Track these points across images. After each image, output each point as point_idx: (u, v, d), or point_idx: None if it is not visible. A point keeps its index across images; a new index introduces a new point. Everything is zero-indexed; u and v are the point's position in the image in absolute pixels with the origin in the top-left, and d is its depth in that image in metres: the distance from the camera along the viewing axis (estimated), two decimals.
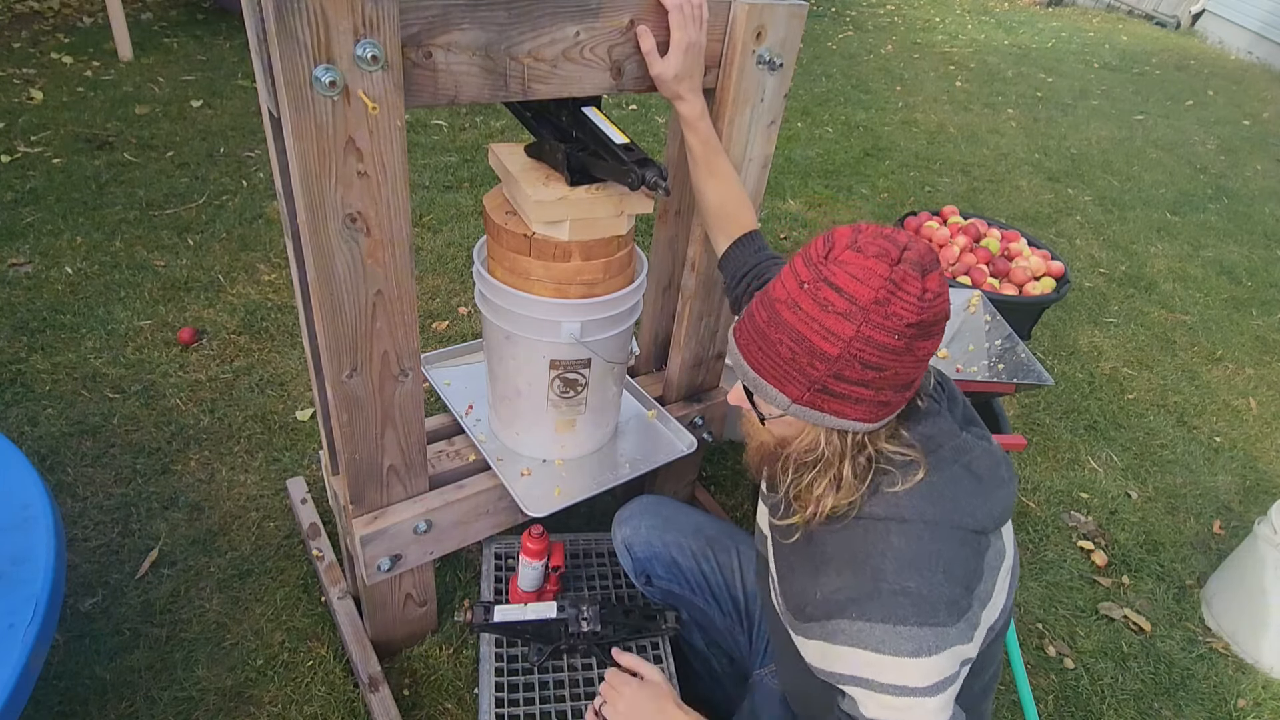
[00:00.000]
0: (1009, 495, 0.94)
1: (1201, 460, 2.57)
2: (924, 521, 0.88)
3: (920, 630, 0.85)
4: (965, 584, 0.88)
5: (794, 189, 3.92)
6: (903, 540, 0.88)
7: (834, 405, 0.86)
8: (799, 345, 0.83)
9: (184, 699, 1.50)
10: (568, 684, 1.43)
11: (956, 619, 0.87)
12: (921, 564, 0.86)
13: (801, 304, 0.83)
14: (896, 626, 0.85)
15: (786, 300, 0.84)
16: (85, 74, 3.85)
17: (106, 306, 2.40)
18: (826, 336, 0.81)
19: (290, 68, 0.87)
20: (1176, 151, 5.41)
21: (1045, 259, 2.63)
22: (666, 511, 1.49)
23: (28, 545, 1.09)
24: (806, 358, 0.83)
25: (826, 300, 0.81)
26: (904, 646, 0.85)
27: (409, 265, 1.10)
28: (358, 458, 1.25)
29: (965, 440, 0.95)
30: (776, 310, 0.85)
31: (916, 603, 0.85)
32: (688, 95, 1.19)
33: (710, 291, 1.56)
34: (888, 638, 0.86)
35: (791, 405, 0.87)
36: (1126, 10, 10.11)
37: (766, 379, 0.88)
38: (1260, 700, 1.84)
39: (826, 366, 0.83)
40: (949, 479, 0.91)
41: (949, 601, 0.86)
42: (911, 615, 0.85)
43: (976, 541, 0.90)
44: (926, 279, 0.80)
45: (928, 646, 0.85)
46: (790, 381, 0.86)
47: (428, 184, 3.34)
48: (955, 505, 0.89)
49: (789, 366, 0.85)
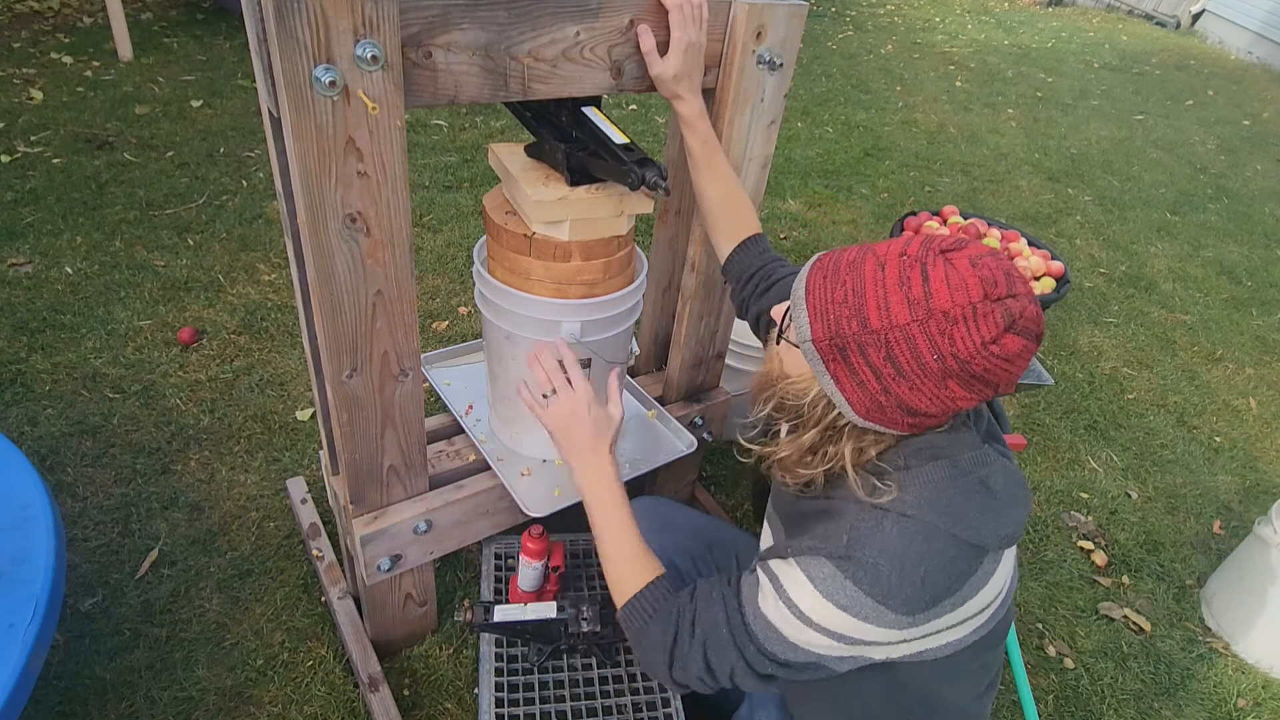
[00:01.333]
0: (1022, 516, 0.90)
1: (1201, 460, 2.57)
2: (923, 522, 0.86)
3: (862, 598, 0.84)
4: (935, 595, 0.85)
5: (794, 189, 3.92)
6: (896, 532, 0.86)
7: (839, 370, 0.84)
8: (854, 297, 0.81)
9: (184, 699, 1.50)
10: (568, 684, 1.43)
11: (904, 616, 0.85)
12: (905, 560, 0.84)
13: (888, 268, 0.80)
14: (846, 581, 0.85)
15: (879, 258, 0.82)
16: (85, 74, 3.85)
17: (106, 306, 2.40)
18: (882, 308, 0.79)
19: (290, 68, 0.87)
20: (1176, 151, 5.41)
21: (1045, 259, 2.62)
22: (665, 513, 1.49)
23: (28, 545, 1.09)
24: (851, 313, 0.81)
25: (909, 280, 0.78)
26: (837, 596, 0.85)
27: (409, 265, 1.10)
28: (358, 458, 1.25)
29: (986, 453, 0.91)
30: (864, 259, 0.83)
31: (876, 581, 0.84)
32: (687, 95, 1.19)
33: (710, 291, 1.56)
34: (830, 581, 0.86)
35: (807, 343, 0.85)
36: (1126, 10, 10.11)
37: (809, 303, 0.85)
38: (1260, 700, 1.84)
39: (859, 331, 0.80)
40: (960, 489, 0.88)
41: (908, 599, 0.84)
42: (866, 585, 0.84)
43: (971, 559, 0.87)
44: (1007, 335, 0.77)
45: (857, 610, 0.85)
46: (822, 321, 0.83)
47: (428, 184, 3.34)
48: (961, 517, 0.86)
49: (832, 308, 0.83)
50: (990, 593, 0.92)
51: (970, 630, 0.93)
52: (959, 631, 0.93)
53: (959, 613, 0.90)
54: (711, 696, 1.51)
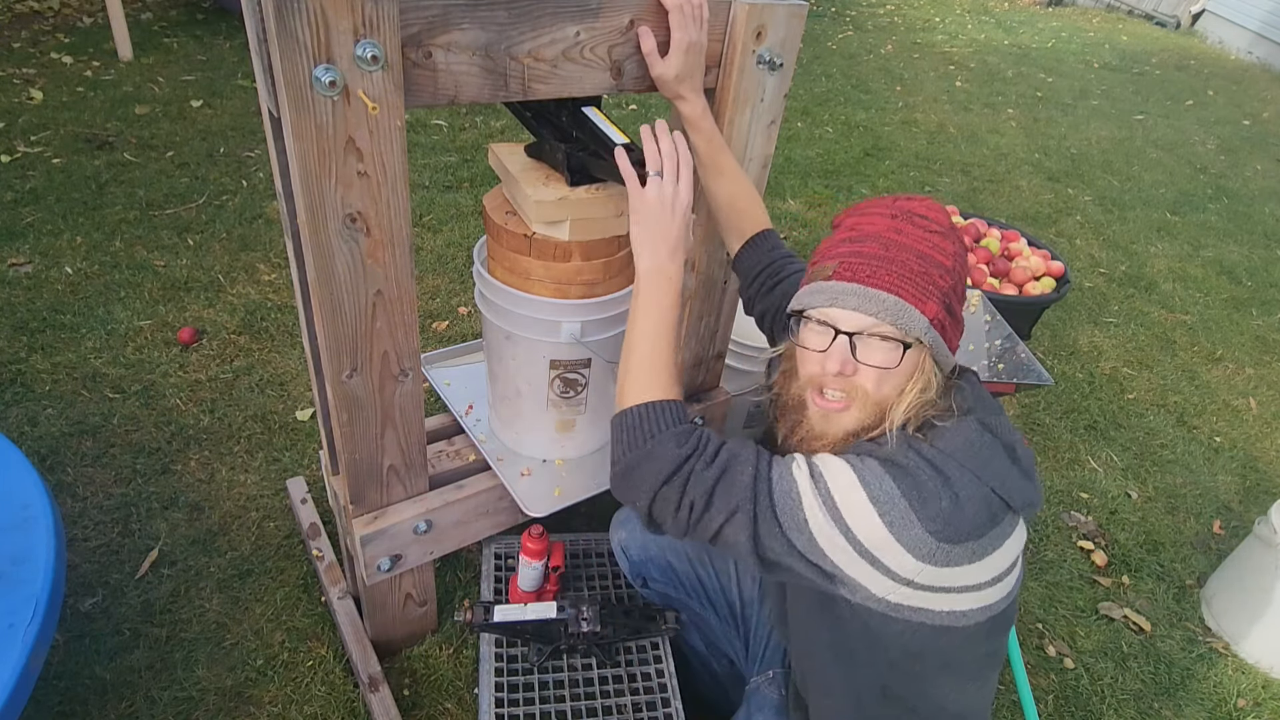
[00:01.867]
0: (1037, 493, 0.92)
1: (1201, 460, 2.57)
2: (959, 463, 0.86)
3: (897, 497, 0.83)
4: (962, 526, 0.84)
5: (794, 189, 3.92)
6: (936, 455, 0.86)
7: (952, 330, 0.88)
8: (923, 261, 0.85)
9: (184, 699, 1.50)
10: (568, 684, 1.43)
11: (929, 534, 0.83)
12: (946, 477, 0.84)
13: (904, 229, 0.85)
14: (885, 476, 0.84)
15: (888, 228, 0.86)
16: (85, 74, 3.85)
17: (106, 306, 2.40)
18: (940, 250, 0.85)
19: (290, 68, 0.87)
20: (1176, 151, 5.41)
21: (1045, 259, 2.63)
22: None
23: (28, 545, 1.09)
24: (935, 271, 0.85)
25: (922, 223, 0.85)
26: (872, 485, 0.84)
27: (409, 265, 1.10)
28: (358, 458, 1.25)
29: (1007, 421, 0.94)
30: (888, 238, 0.86)
31: (917, 486, 0.83)
32: (689, 95, 1.19)
33: (710, 291, 1.56)
34: (871, 474, 0.85)
35: (929, 329, 0.86)
36: (1126, 10, 10.11)
37: (907, 297, 0.85)
38: (1260, 700, 1.83)
39: (948, 279, 0.85)
40: (988, 444, 0.89)
41: (940, 514, 0.83)
42: (905, 484, 0.83)
43: (997, 508, 0.87)
44: None
45: (886, 508, 0.83)
46: (928, 297, 0.85)
47: (428, 184, 3.34)
48: (989, 467, 0.87)
49: (922, 280, 0.85)
50: (1005, 559, 0.91)
51: (975, 605, 0.92)
52: (965, 601, 0.90)
53: (974, 570, 0.88)
54: (711, 697, 1.52)
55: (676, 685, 1.44)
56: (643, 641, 1.50)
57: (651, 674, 1.46)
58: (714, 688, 1.52)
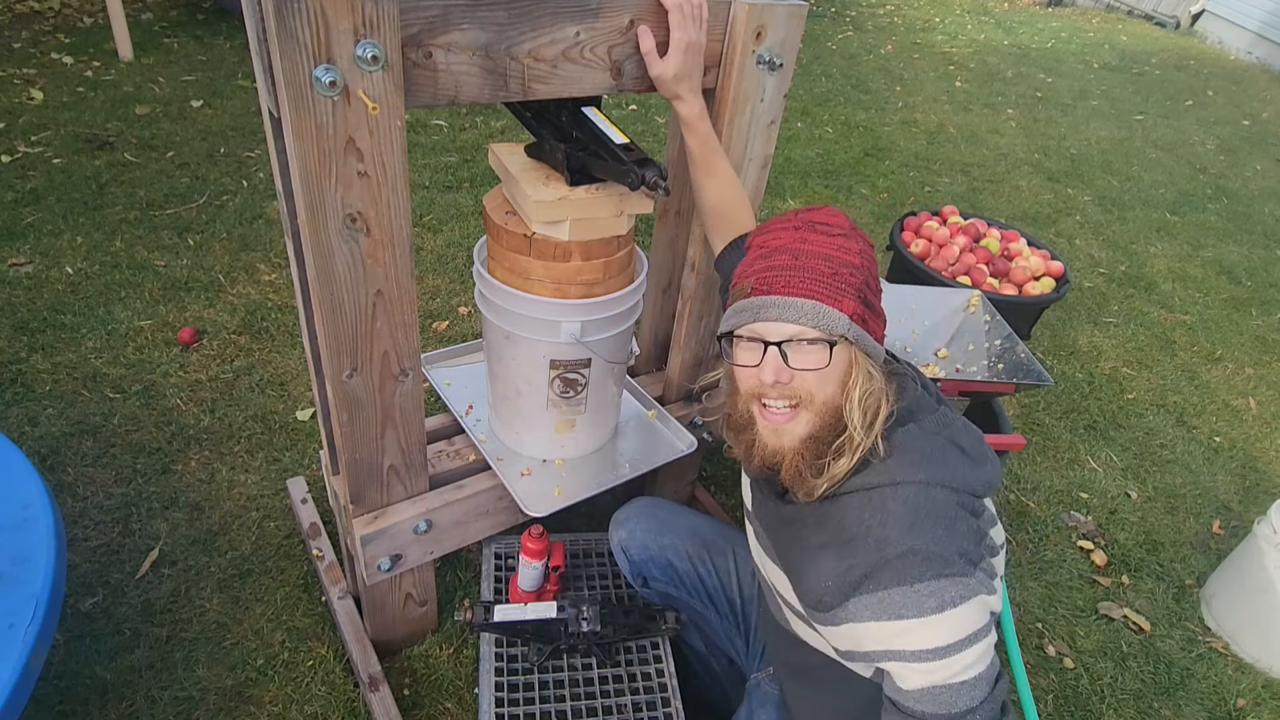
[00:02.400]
0: (995, 470, 0.96)
1: (1201, 460, 2.57)
2: (916, 483, 0.89)
3: (938, 583, 0.84)
4: (971, 538, 0.89)
5: (794, 189, 3.92)
6: (898, 504, 0.88)
7: (873, 323, 0.92)
8: (831, 263, 0.90)
9: (184, 699, 1.50)
10: (568, 684, 1.43)
11: (972, 567, 0.86)
12: (921, 523, 0.87)
13: (809, 238, 0.91)
14: (914, 585, 0.84)
15: (796, 239, 0.92)
16: (85, 74, 3.85)
17: (106, 306, 2.40)
18: (846, 250, 0.89)
19: (290, 68, 0.87)
20: (1176, 151, 5.41)
21: (1045, 259, 2.63)
22: (662, 514, 1.49)
23: (28, 545, 1.09)
24: (845, 270, 0.89)
25: (824, 229, 0.90)
26: (926, 604, 0.84)
27: (409, 265, 1.10)
28: (358, 458, 1.25)
29: (944, 413, 0.98)
30: (796, 248, 0.91)
31: (926, 560, 0.85)
32: (687, 95, 1.19)
33: (710, 291, 1.56)
34: (907, 600, 0.85)
35: (851, 325, 0.89)
36: (1126, 10, 10.11)
37: (823, 299, 0.89)
38: (1260, 700, 1.84)
39: (859, 275, 0.90)
40: (935, 447, 0.93)
41: (960, 552, 0.86)
42: (926, 571, 0.84)
43: (970, 503, 0.92)
44: None
45: (951, 598, 0.84)
46: (844, 295, 0.89)
47: (428, 184, 3.34)
48: (945, 469, 0.91)
49: (834, 280, 0.89)
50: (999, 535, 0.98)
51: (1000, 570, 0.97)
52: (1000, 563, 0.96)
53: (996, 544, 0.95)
54: (711, 696, 1.52)
55: (676, 685, 1.44)
56: (643, 641, 1.50)
57: (651, 674, 1.46)
58: (714, 687, 1.52)
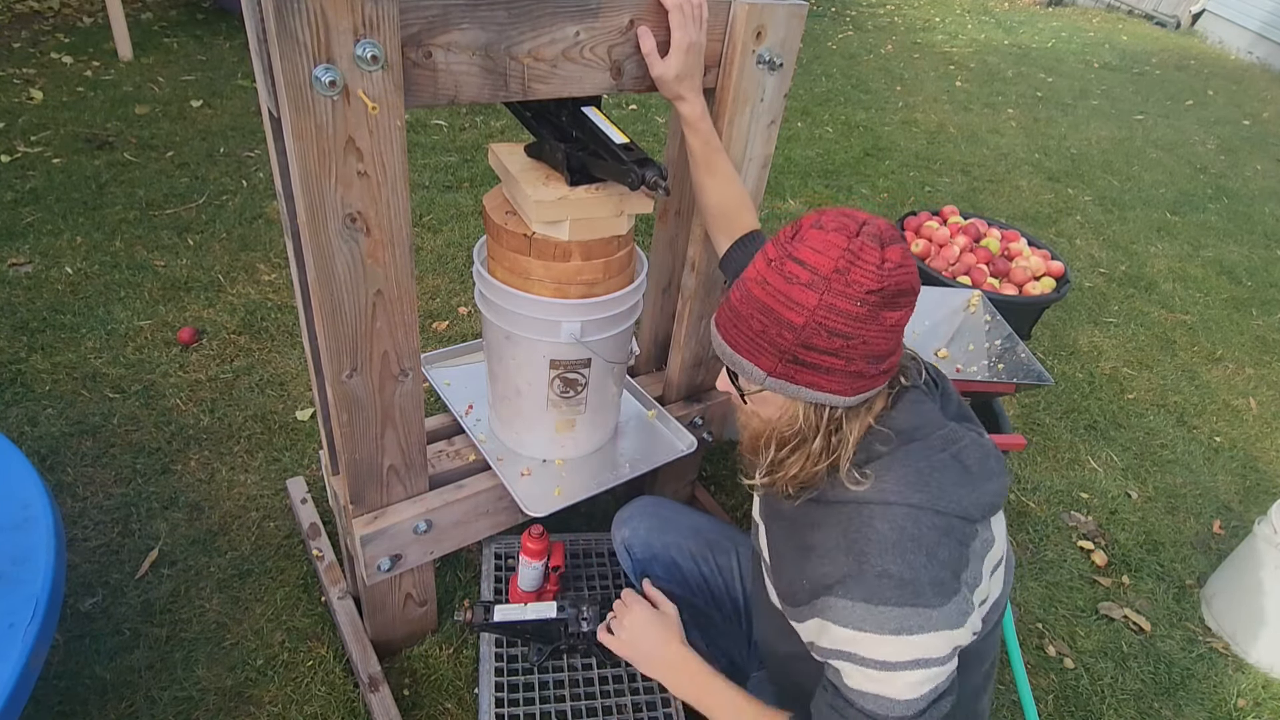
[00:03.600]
0: (999, 488, 0.95)
1: (1201, 460, 2.57)
2: (908, 505, 0.89)
3: (902, 610, 0.86)
4: (951, 568, 0.89)
5: (794, 189, 3.92)
6: (885, 524, 0.89)
7: (807, 376, 0.88)
8: (767, 317, 0.87)
9: (184, 699, 1.50)
10: (568, 684, 1.43)
11: (943, 601, 0.87)
12: (904, 548, 0.87)
13: (769, 279, 0.87)
14: (879, 606, 0.87)
15: (756, 278, 0.89)
16: (85, 74, 3.85)
17: (106, 306, 2.40)
18: (791, 306, 0.85)
19: (290, 68, 0.87)
20: (1176, 151, 5.41)
21: (1045, 259, 2.63)
22: (666, 513, 1.49)
23: (28, 545, 1.09)
24: (775, 328, 0.87)
25: (792, 274, 0.85)
26: (886, 625, 0.87)
27: (409, 265, 1.10)
28: (358, 458, 1.25)
29: (954, 430, 0.96)
30: (748, 289, 0.90)
31: (899, 585, 0.86)
32: (689, 96, 1.19)
33: (710, 291, 1.56)
34: (869, 616, 0.87)
35: (767, 378, 0.90)
36: (1126, 10, 10.11)
37: (740, 353, 0.91)
38: (1260, 700, 1.84)
39: (794, 335, 0.86)
40: (936, 465, 0.92)
41: (933, 583, 0.87)
42: (893, 596, 0.86)
43: (962, 529, 0.91)
44: (886, 250, 0.84)
45: (909, 626, 0.86)
46: (762, 353, 0.89)
47: (428, 184, 3.34)
48: (941, 491, 0.90)
49: (760, 339, 0.89)
50: (995, 555, 0.96)
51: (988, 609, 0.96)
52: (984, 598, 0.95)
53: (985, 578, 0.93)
54: None
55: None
56: None
57: None
58: None
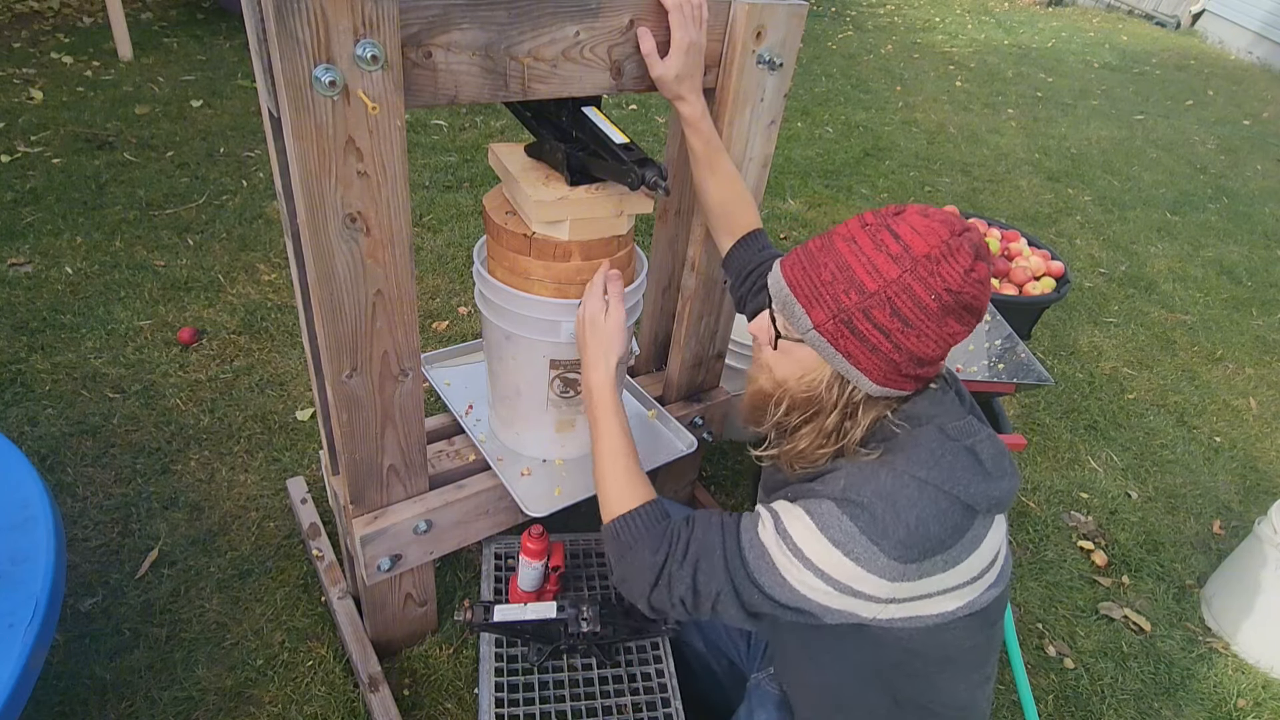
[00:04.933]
0: (1010, 488, 0.93)
1: (1201, 460, 2.57)
2: (915, 477, 0.88)
3: (854, 531, 0.86)
4: (927, 544, 0.86)
5: (794, 189, 3.92)
6: (890, 479, 0.88)
7: (851, 345, 0.87)
8: (842, 272, 0.85)
9: (184, 699, 1.50)
10: (568, 684, 1.43)
11: (896, 559, 0.86)
12: (895, 501, 0.86)
13: (858, 239, 0.86)
14: (842, 516, 0.87)
15: (845, 235, 0.87)
16: (85, 74, 3.85)
17: (106, 306, 2.40)
18: (871, 272, 0.84)
19: (290, 68, 0.87)
20: (1176, 151, 5.41)
21: (1045, 259, 2.63)
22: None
23: (28, 545, 1.09)
24: (845, 285, 0.85)
25: (883, 241, 0.84)
26: (831, 528, 0.87)
27: (409, 265, 1.10)
28: (358, 458, 1.25)
29: (971, 423, 0.95)
30: (833, 240, 0.88)
31: (872, 517, 0.86)
32: (689, 96, 1.19)
33: (710, 291, 1.56)
34: (829, 518, 0.87)
35: (811, 330, 0.89)
36: (1126, 10, 10.11)
37: (798, 296, 0.89)
38: (1260, 700, 1.84)
39: (860, 299, 0.84)
40: (949, 450, 0.90)
41: (902, 542, 0.85)
42: (859, 519, 0.86)
43: (961, 516, 0.88)
44: (978, 262, 0.84)
45: (849, 546, 0.86)
46: (820, 304, 0.87)
47: (428, 184, 3.34)
48: (952, 475, 0.88)
49: (824, 289, 0.87)
50: (982, 559, 0.93)
51: (963, 602, 0.94)
52: (951, 601, 0.93)
53: (952, 575, 0.91)
54: (711, 697, 1.52)
55: (676, 685, 1.44)
56: (643, 641, 1.50)
57: (651, 674, 1.46)
58: (714, 688, 1.52)
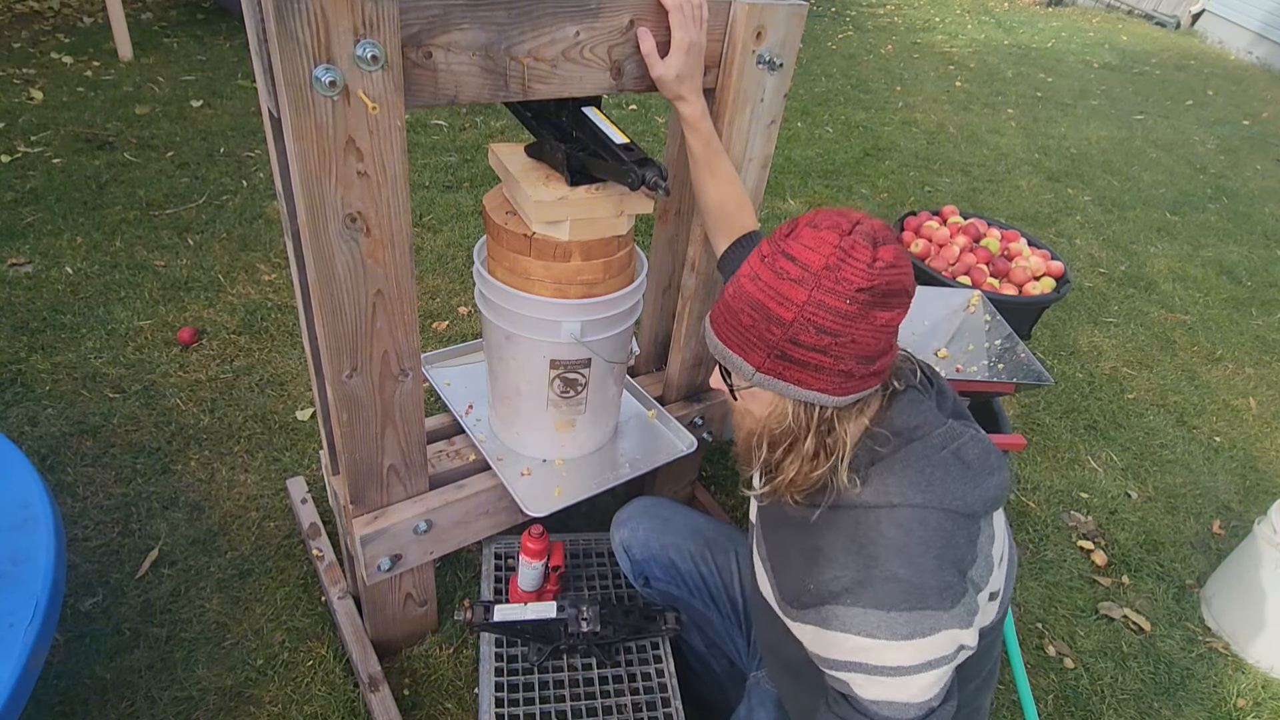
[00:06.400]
0: (1001, 483, 0.95)
1: (1201, 460, 2.57)
2: (912, 506, 0.90)
3: (912, 615, 0.87)
4: (958, 568, 0.89)
5: (794, 189, 3.92)
6: (893, 528, 0.89)
7: (795, 373, 0.89)
8: (757, 312, 0.88)
9: (184, 699, 1.50)
10: (568, 684, 1.43)
11: (951, 604, 0.88)
12: (911, 551, 0.88)
13: (761, 275, 0.88)
14: (890, 613, 0.87)
15: (749, 274, 0.90)
16: (85, 74, 3.85)
17: (106, 306, 2.40)
18: (781, 302, 0.86)
19: (290, 68, 0.87)
20: (1176, 151, 5.41)
21: (1045, 259, 2.63)
22: (665, 513, 1.49)
23: (28, 545, 1.09)
24: (765, 323, 0.87)
25: (782, 269, 0.86)
26: (898, 631, 0.87)
27: (409, 265, 1.10)
28: (358, 458, 1.25)
29: (953, 427, 0.96)
30: (740, 284, 0.90)
31: (907, 590, 0.87)
32: (689, 96, 1.19)
33: (710, 291, 1.56)
34: (882, 623, 0.88)
35: (756, 374, 0.91)
36: (1126, 10, 10.11)
37: (731, 348, 0.92)
38: (1260, 700, 1.84)
39: (782, 331, 0.86)
40: (937, 464, 0.92)
41: (941, 587, 0.87)
42: (903, 601, 0.87)
43: (967, 525, 0.91)
44: (879, 249, 0.85)
45: (921, 629, 0.87)
46: (752, 349, 0.90)
47: (428, 184, 3.34)
48: (945, 490, 0.91)
49: (750, 334, 0.89)
50: (998, 548, 0.96)
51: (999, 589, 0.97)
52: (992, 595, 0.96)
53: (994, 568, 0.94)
54: (711, 697, 1.52)
55: (676, 685, 1.44)
56: (643, 641, 1.50)
57: (651, 674, 1.46)
58: (714, 688, 1.52)
